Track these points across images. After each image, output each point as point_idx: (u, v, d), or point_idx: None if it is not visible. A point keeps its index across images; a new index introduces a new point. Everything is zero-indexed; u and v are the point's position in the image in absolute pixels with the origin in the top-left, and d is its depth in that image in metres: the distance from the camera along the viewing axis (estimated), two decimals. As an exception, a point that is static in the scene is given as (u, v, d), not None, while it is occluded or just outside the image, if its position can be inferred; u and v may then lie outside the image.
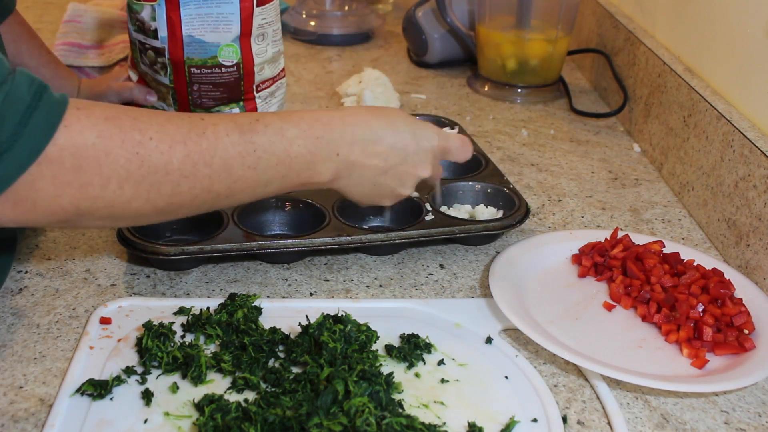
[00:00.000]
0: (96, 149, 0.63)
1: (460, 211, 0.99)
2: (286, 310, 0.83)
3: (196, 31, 1.03)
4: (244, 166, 0.69)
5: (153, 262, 0.90)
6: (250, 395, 0.72)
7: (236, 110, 1.14)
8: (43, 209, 0.62)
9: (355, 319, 0.77)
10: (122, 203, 0.65)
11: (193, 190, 0.67)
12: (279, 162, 0.71)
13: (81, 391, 0.71)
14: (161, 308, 0.83)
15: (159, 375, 0.74)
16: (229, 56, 1.06)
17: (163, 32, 1.04)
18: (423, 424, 0.66)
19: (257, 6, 1.05)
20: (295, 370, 0.74)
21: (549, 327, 0.81)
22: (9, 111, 0.59)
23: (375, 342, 0.77)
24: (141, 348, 0.76)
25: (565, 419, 0.71)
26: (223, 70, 1.08)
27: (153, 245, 0.85)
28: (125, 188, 0.64)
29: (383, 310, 0.84)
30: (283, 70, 1.18)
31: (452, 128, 1.15)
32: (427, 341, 0.78)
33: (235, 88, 1.11)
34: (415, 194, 0.97)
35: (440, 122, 1.18)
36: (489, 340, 0.80)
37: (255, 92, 1.13)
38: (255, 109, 1.15)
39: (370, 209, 0.95)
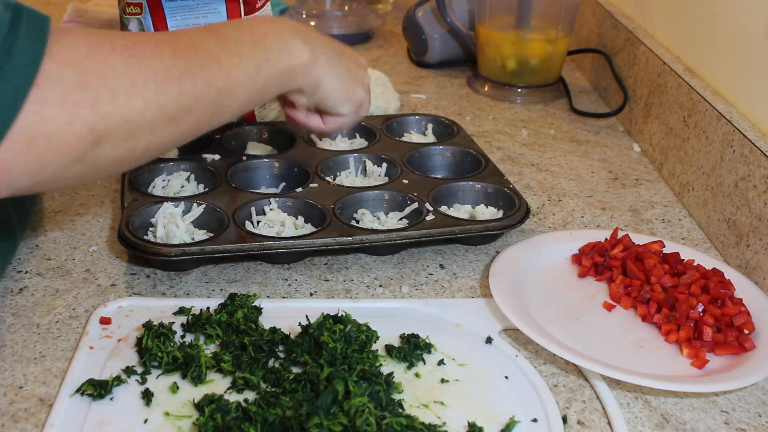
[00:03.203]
0: (94, 59, 0.58)
1: (460, 211, 0.99)
2: (286, 310, 0.83)
3: None
4: (227, 53, 0.68)
5: (153, 263, 0.90)
6: (250, 395, 0.72)
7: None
8: (60, 144, 0.57)
9: (355, 319, 0.77)
10: (136, 116, 0.61)
11: (195, 86, 0.65)
12: (254, 44, 0.71)
13: (81, 391, 0.71)
14: (161, 308, 0.83)
15: (159, 375, 0.74)
16: None
17: None
18: (423, 424, 0.66)
19: (245, 15, 1.05)
20: (295, 370, 0.74)
21: (549, 327, 0.81)
22: None
23: (375, 342, 0.77)
24: (141, 348, 0.76)
25: (565, 419, 0.71)
26: None
27: (153, 246, 0.85)
28: (134, 98, 0.60)
29: (383, 310, 0.84)
30: None
31: (453, 129, 1.16)
32: (427, 341, 0.78)
33: None
34: (414, 199, 0.97)
35: (440, 122, 1.18)
36: (489, 340, 0.80)
37: None
38: (252, 117, 1.15)
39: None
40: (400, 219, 0.96)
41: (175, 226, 0.89)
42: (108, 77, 0.59)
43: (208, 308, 0.81)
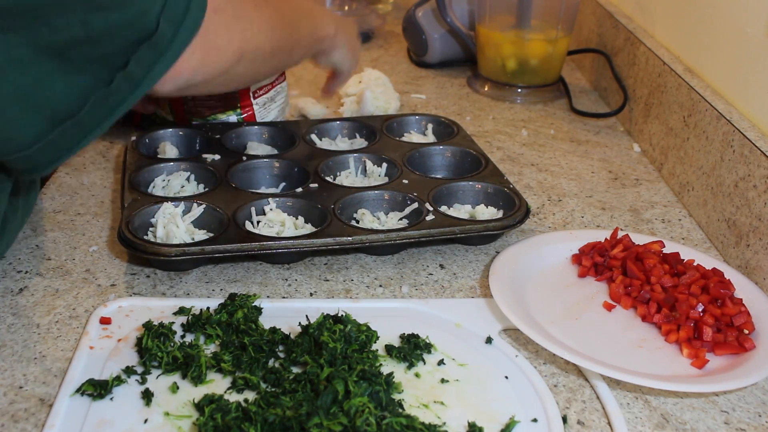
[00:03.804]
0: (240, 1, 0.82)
1: (460, 211, 0.99)
2: (286, 310, 0.83)
3: None
4: (298, 16, 0.95)
5: (153, 263, 0.90)
6: (250, 395, 0.72)
7: (233, 117, 1.14)
8: (223, 53, 0.79)
9: (355, 319, 0.77)
10: (261, 45, 0.85)
11: (285, 33, 0.90)
12: (310, 17, 1.00)
13: (81, 391, 0.71)
14: (161, 308, 0.83)
15: (159, 375, 0.74)
16: None
17: None
18: (423, 424, 0.66)
19: None
20: (295, 370, 0.74)
21: (549, 327, 0.81)
22: None
23: (375, 342, 0.77)
24: (141, 348, 0.76)
25: (565, 419, 0.71)
26: None
27: (153, 245, 0.85)
28: (263, 31, 0.85)
29: (383, 310, 0.84)
30: (282, 74, 1.18)
31: (453, 129, 1.16)
32: (427, 341, 0.78)
33: (230, 96, 1.12)
34: (415, 199, 0.97)
35: (440, 122, 1.18)
36: (489, 340, 0.80)
37: (252, 99, 1.13)
38: (253, 116, 1.15)
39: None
40: (400, 219, 0.96)
41: (175, 226, 0.89)
42: (251, 13, 0.83)
43: (208, 308, 0.81)
